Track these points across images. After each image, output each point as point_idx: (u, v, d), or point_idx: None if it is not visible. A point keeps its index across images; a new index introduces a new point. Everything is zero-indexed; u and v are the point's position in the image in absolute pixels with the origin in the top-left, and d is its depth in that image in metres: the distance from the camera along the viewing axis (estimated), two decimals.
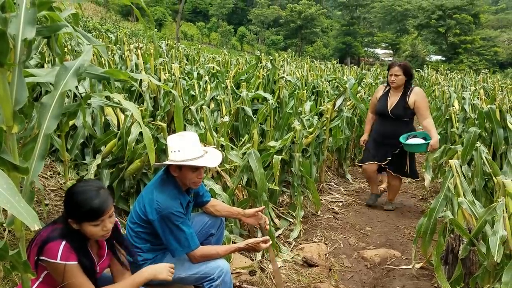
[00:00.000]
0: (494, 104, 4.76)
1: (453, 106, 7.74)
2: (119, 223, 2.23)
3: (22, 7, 1.49)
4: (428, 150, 4.57)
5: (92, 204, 1.89)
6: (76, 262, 1.88)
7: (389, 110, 4.67)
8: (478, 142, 4.08)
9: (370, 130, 5.12)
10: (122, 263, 2.19)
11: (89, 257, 1.99)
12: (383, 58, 56.01)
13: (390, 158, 4.74)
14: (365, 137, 5.18)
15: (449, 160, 3.40)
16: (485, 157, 3.89)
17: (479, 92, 9.15)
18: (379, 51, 59.34)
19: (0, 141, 1.38)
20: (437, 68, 25.35)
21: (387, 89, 4.82)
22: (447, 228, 3.08)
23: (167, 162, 2.47)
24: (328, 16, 64.30)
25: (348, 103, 6.37)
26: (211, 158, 2.51)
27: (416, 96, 4.59)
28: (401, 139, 4.59)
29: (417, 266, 3.49)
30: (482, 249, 2.69)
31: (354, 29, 53.47)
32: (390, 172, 4.87)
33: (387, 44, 55.45)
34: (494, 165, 3.86)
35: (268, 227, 2.90)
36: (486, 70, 21.08)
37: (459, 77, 16.79)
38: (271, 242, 2.71)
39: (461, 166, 3.32)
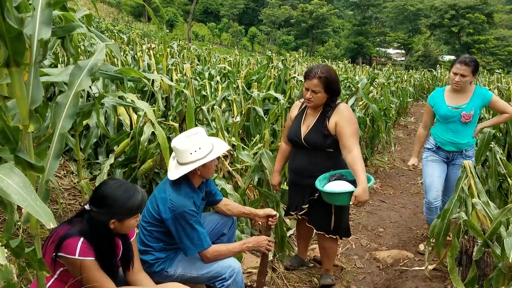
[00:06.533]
0: (509, 104, 4.68)
1: None
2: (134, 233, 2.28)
3: (38, 8, 1.50)
4: (351, 203, 2.84)
5: (136, 200, 2.05)
6: (93, 258, 1.91)
7: (302, 137, 3.05)
8: (492, 143, 4.03)
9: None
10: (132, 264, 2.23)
11: (112, 252, 2.04)
12: (395, 58, 55.75)
13: (306, 206, 3.12)
14: (276, 179, 3.42)
15: (463, 161, 3.36)
16: (500, 157, 3.85)
17: (493, 92, 9.04)
18: (391, 51, 59.04)
19: (16, 140, 1.39)
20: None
21: (303, 106, 3.21)
22: (461, 230, 3.04)
23: (200, 162, 2.43)
24: (340, 16, 64.20)
25: (360, 103, 6.34)
26: (220, 142, 2.65)
27: (339, 116, 2.95)
28: (318, 181, 2.96)
29: (430, 267, 3.46)
30: (496, 250, 2.65)
31: (366, 29, 53.29)
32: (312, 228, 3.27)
33: (399, 44, 55.11)
34: (509, 166, 3.82)
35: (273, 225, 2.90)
36: (500, 70, 20.79)
37: None
38: (272, 247, 2.76)
39: (475, 167, 3.28)
